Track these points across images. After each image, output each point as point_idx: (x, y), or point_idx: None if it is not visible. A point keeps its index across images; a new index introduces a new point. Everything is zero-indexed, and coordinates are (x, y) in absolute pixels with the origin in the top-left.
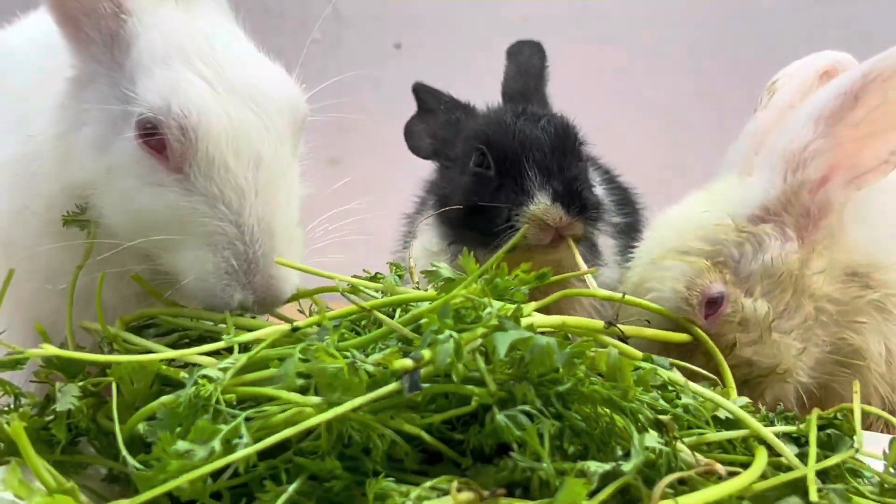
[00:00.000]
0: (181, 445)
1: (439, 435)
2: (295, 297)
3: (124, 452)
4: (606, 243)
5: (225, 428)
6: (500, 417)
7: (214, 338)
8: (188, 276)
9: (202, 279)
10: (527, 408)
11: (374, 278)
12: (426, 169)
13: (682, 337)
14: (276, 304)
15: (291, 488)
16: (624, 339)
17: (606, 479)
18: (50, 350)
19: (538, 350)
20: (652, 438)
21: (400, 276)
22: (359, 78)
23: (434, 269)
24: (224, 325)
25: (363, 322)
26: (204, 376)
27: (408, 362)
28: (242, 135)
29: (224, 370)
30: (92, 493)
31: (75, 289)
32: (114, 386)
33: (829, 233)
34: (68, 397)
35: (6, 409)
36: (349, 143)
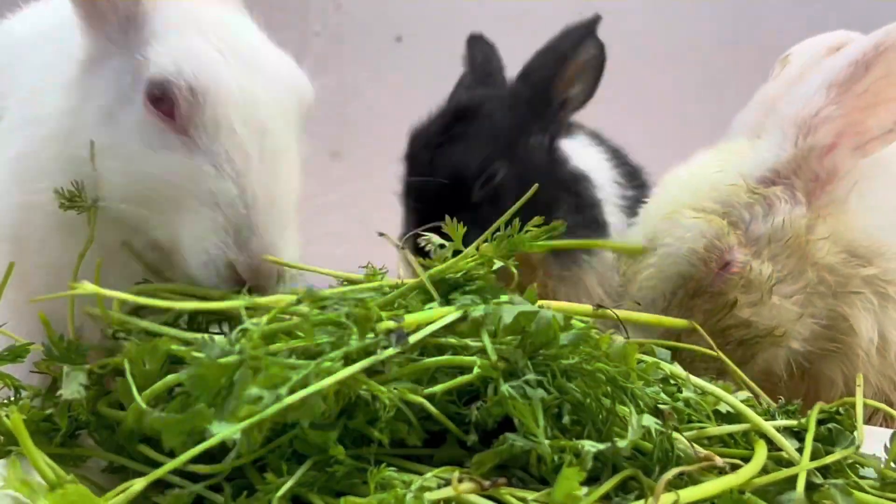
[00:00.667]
0: (254, 391)
1: (442, 410)
2: (300, 268)
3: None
4: (615, 217)
5: (296, 376)
6: (505, 388)
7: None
8: (184, 236)
9: (197, 236)
10: (531, 377)
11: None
12: None
13: (680, 322)
14: (269, 274)
15: (294, 477)
16: (619, 323)
17: (602, 458)
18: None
19: (543, 322)
20: (650, 419)
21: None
22: (360, 71)
23: (426, 238)
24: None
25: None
26: (243, 330)
27: (391, 324)
28: (251, 104)
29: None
30: (92, 485)
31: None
32: (127, 365)
33: (835, 200)
34: (75, 384)
35: (5, 401)
36: (350, 136)
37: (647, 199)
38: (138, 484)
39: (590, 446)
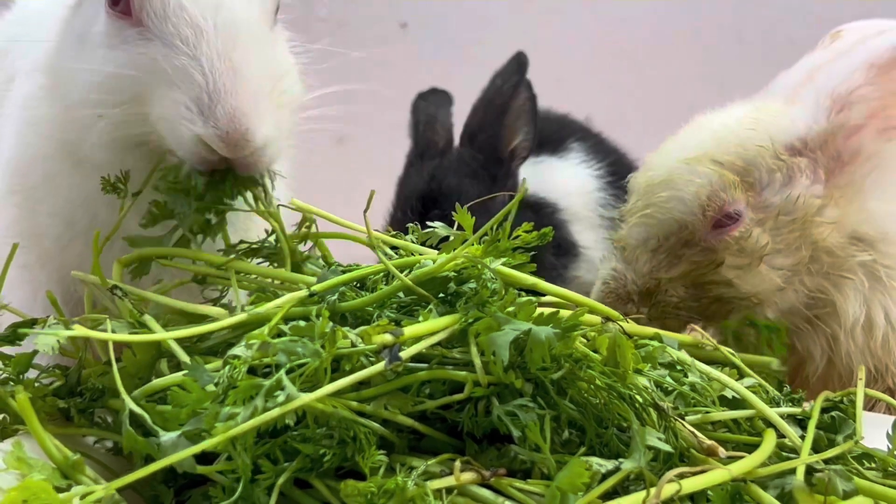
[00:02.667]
0: (227, 410)
1: (434, 415)
2: (302, 236)
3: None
4: (599, 235)
5: (266, 383)
6: (498, 411)
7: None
8: (159, 126)
9: (166, 118)
10: (524, 401)
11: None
12: None
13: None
14: (243, 142)
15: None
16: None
17: (607, 475)
18: (60, 333)
19: (537, 344)
20: (653, 434)
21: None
22: (365, 57)
23: (430, 228)
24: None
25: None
26: (234, 356)
27: (387, 337)
28: None
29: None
30: (99, 466)
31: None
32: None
33: (852, 182)
34: (52, 338)
35: (11, 379)
36: (355, 122)
37: None
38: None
39: (597, 465)
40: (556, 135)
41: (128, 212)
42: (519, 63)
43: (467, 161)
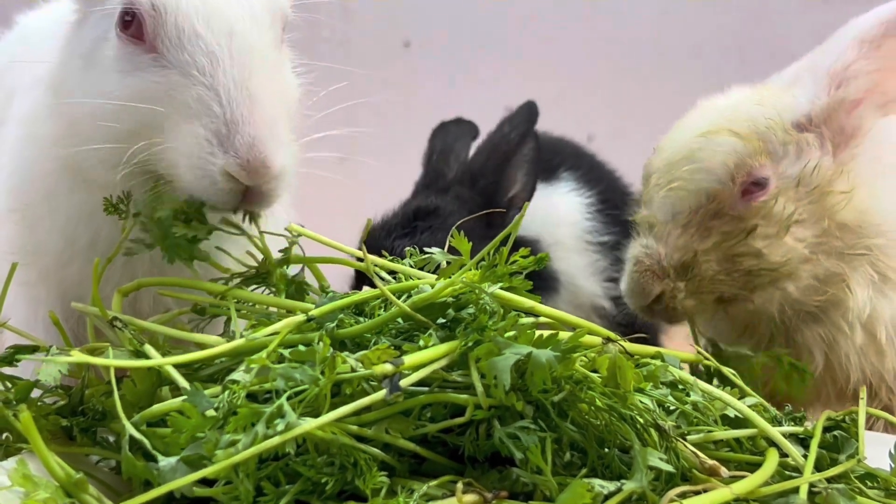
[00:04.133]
0: (227, 437)
1: (434, 438)
2: (296, 261)
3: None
4: (586, 260)
5: (267, 410)
6: (499, 433)
7: (216, 313)
8: (176, 158)
9: (186, 153)
10: (526, 423)
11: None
12: None
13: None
14: (263, 170)
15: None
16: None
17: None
18: (61, 359)
19: (538, 367)
20: (654, 455)
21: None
22: (368, 76)
23: (427, 254)
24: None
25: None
26: (233, 382)
27: (388, 367)
28: (213, 9)
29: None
30: (102, 485)
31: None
32: (114, 382)
33: (856, 156)
34: (54, 368)
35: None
36: (357, 141)
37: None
38: None
39: (599, 486)
40: (547, 163)
41: (129, 233)
42: (529, 112)
43: (466, 200)
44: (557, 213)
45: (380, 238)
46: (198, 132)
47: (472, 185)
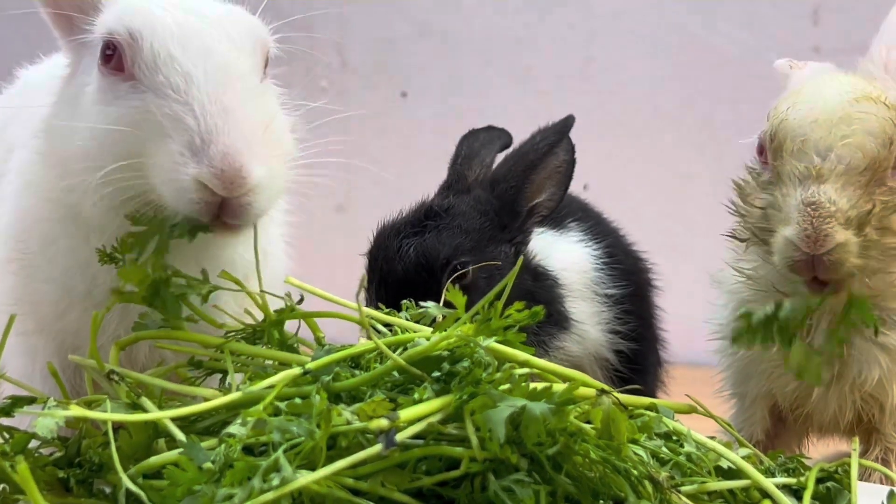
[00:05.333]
0: (223, 492)
1: (429, 491)
2: (292, 317)
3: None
4: (590, 309)
5: (263, 463)
6: (494, 486)
7: (213, 368)
8: (154, 177)
9: (161, 166)
10: (520, 476)
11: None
12: None
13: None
14: (239, 180)
15: None
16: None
17: None
18: (58, 413)
19: (532, 420)
20: None
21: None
22: (365, 126)
23: (423, 308)
24: (234, 352)
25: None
26: (230, 435)
27: (383, 422)
28: (190, 33)
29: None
30: None
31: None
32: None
33: None
34: (51, 421)
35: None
36: (356, 190)
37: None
38: None
39: None
40: (555, 213)
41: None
42: (564, 124)
43: (482, 202)
44: (569, 259)
45: (388, 237)
46: (172, 147)
47: (492, 188)
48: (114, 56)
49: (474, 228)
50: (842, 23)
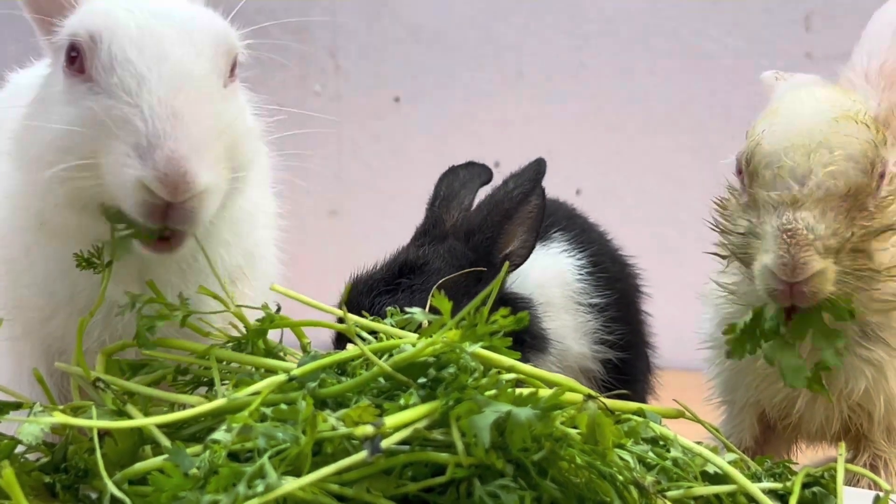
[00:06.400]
0: (208, 498)
1: (415, 497)
2: (279, 326)
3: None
4: (573, 322)
5: (248, 469)
6: (480, 492)
7: (200, 375)
8: (102, 172)
9: (108, 166)
10: (506, 481)
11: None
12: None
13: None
14: (183, 185)
15: None
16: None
17: None
18: (43, 420)
19: (517, 426)
20: None
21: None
22: (358, 130)
23: (408, 314)
24: (220, 359)
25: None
26: (215, 441)
27: (369, 429)
28: (148, 36)
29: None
30: None
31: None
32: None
33: None
34: (36, 428)
35: None
36: (348, 195)
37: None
38: None
39: None
40: (541, 224)
41: (107, 285)
42: (537, 170)
43: (458, 255)
44: (549, 274)
45: (361, 294)
46: (120, 148)
47: (467, 240)
48: (77, 58)
49: (449, 285)
50: (834, 29)
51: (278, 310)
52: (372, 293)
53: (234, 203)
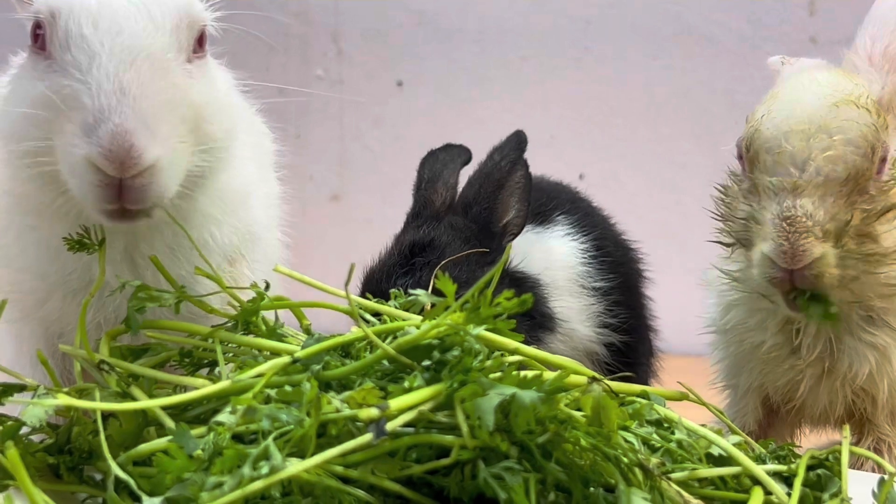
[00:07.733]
0: (212, 479)
1: (420, 479)
2: (280, 307)
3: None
4: (577, 305)
5: (253, 451)
6: (484, 474)
7: (203, 357)
8: (57, 153)
9: (59, 147)
10: (510, 463)
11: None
12: None
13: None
14: (129, 161)
15: None
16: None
17: None
18: (47, 402)
19: (522, 408)
20: (639, 495)
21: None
22: (360, 114)
23: (413, 296)
24: (224, 341)
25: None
26: (219, 423)
27: (374, 412)
28: (105, 10)
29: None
30: None
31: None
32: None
33: None
34: (40, 410)
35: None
36: (350, 179)
37: (626, 280)
38: None
39: None
40: (543, 206)
41: (104, 267)
42: (518, 140)
43: (461, 228)
44: (553, 256)
45: (381, 281)
46: (68, 127)
47: (466, 213)
48: (41, 35)
49: (462, 259)
50: (838, 13)
51: (267, 287)
52: (392, 277)
53: (217, 179)
